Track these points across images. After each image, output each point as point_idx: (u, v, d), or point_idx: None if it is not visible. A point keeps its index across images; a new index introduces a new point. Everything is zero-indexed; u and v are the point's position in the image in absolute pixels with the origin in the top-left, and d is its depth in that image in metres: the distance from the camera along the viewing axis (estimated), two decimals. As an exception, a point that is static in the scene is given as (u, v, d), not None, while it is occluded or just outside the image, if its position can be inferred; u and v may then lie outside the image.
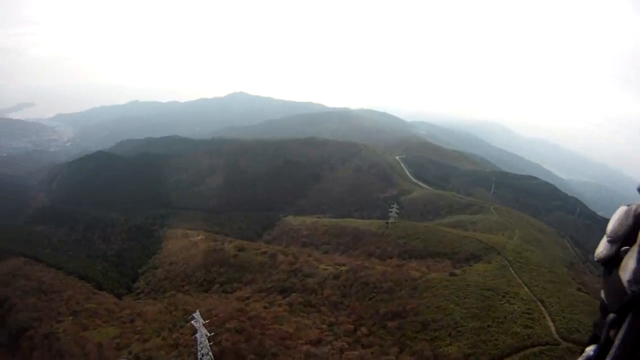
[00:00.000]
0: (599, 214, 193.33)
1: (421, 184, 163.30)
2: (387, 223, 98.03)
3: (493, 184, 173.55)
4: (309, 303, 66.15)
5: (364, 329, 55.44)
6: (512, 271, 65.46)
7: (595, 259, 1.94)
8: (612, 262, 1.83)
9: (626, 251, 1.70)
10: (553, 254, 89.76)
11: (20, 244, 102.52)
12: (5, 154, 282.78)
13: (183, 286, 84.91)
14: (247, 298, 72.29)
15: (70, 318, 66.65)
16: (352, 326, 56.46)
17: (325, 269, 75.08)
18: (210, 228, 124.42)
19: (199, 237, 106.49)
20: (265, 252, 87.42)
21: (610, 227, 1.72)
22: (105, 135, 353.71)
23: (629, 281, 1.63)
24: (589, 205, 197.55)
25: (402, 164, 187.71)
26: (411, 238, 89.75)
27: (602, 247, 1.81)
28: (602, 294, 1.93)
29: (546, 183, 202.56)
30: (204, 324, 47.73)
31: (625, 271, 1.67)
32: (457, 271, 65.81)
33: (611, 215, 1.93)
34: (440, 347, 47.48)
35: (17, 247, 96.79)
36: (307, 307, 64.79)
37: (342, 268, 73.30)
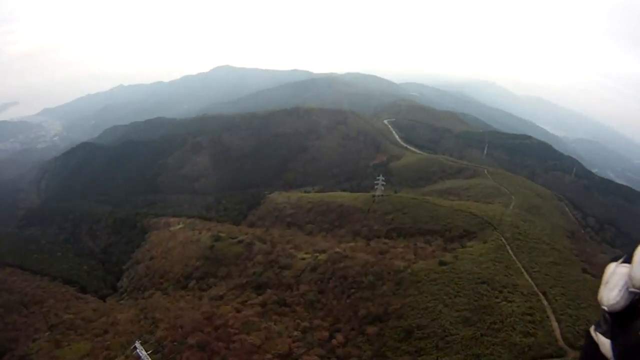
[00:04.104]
0: (594, 171, 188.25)
1: (412, 148, 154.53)
2: (374, 197, 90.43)
3: (486, 145, 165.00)
4: (284, 302, 59.74)
5: (339, 337, 48.35)
6: (510, 252, 57.72)
7: (605, 307, 1.55)
8: (629, 313, 1.44)
9: None
10: (553, 222, 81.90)
11: (7, 252, 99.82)
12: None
13: (161, 283, 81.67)
14: (221, 297, 67.18)
15: (47, 334, 65.32)
16: (327, 333, 49.36)
17: (303, 259, 68.33)
18: (196, 212, 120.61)
19: (178, 227, 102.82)
20: (241, 242, 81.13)
21: (638, 274, 1.29)
22: (92, 124, 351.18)
23: None
24: (584, 164, 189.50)
25: (392, 128, 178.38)
26: (399, 213, 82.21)
27: (618, 296, 1.40)
28: (604, 346, 1.52)
29: (541, 142, 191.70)
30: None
31: None
32: (447, 257, 57.78)
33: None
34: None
35: (3, 257, 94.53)
36: (281, 307, 58.38)
37: (321, 257, 66.01)
